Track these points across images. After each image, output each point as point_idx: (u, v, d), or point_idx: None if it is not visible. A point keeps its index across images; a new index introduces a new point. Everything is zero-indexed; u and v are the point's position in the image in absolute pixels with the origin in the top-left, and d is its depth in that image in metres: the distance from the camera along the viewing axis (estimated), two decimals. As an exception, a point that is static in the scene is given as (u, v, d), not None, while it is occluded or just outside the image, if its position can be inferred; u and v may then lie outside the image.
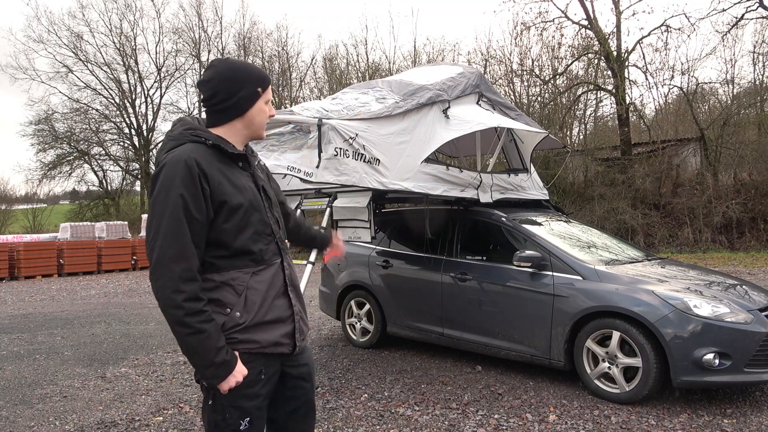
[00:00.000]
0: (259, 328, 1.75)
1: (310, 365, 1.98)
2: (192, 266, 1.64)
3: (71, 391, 4.51)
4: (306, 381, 1.95)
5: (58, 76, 29.78)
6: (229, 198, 1.70)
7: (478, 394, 4.23)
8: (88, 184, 32.38)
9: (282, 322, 1.81)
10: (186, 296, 1.62)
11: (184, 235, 1.63)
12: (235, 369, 1.68)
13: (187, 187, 1.63)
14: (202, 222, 1.66)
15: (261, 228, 1.79)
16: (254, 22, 42.44)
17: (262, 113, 1.85)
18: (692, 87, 18.56)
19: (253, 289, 1.74)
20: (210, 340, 1.64)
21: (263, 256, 1.78)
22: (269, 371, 1.80)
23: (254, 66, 1.89)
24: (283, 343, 1.81)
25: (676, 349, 3.69)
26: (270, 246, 1.81)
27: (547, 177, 13.66)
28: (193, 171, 1.65)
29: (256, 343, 1.74)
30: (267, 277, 1.78)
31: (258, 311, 1.74)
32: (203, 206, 1.66)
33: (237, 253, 1.73)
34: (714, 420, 3.64)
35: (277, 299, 1.81)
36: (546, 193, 6.16)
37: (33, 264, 14.02)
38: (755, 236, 14.66)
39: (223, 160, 1.76)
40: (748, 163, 16.30)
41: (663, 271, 4.50)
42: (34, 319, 7.94)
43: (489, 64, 20.68)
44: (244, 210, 1.74)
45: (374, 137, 4.35)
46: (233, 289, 1.72)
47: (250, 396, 1.74)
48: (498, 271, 4.73)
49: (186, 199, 1.63)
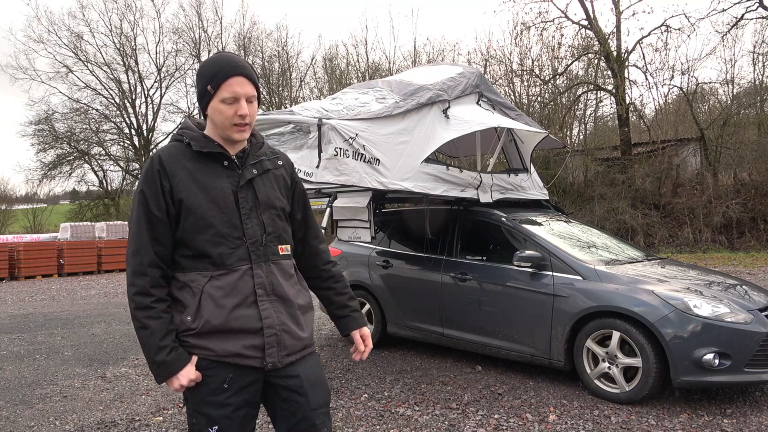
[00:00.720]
0: (213, 336, 1.65)
1: (304, 378, 1.77)
2: (143, 261, 1.64)
3: (71, 391, 4.51)
4: (299, 395, 1.76)
5: (58, 76, 29.81)
6: (186, 197, 1.65)
7: (478, 394, 4.23)
8: (88, 184, 32.42)
9: (247, 333, 1.67)
10: (135, 290, 1.63)
11: (141, 230, 1.65)
12: (180, 372, 1.62)
13: (147, 184, 1.66)
14: (161, 219, 1.65)
15: (225, 230, 1.68)
16: (254, 22, 42.40)
17: (218, 113, 1.68)
18: (692, 87, 18.58)
19: (207, 294, 1.65)
20: (152, 338, 1.61)
21: (224, 261, 1.67)
22: (239, 381, 1.68)
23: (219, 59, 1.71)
24: (249, 356, 1.67)
25: (676, 349, 3.69)
26: (236, 251, 1.68)
27: (547, 177, 13.66)
28: (154, 168, 1.66)
29: (210, 351, 1.65)
30: (226, 283, 1.66)
31: (211, 318, 1.64)
32: (162, 203, 1.65)
33: (197, 254, 1.67)
34: (714, 420, 3.64)
35: (241, 308, 1.66)
36: (546, 193, 6.16)
37: (33, 264, 14.03)
38: (755, 236, 14.66)
39: (199, 159, 1.71)
40: (748, 163, 16.30)
41: (663, 271, 4.50)
42: (34, 319, 7.95)
43: (489, 64, 20.70)
44: (203, 210, 1.66)
45: (374, 137, 4.35)
46: (191, 290, 1.66)
47: (215, 404, 1.66)
48: (498, 271, 4.73)
49: (146, 195, 1.65)
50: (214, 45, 30.87)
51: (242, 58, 1.77)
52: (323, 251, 2.01)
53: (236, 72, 1.68)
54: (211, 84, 1.67)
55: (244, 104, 1.68)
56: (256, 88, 1.74)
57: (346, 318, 2.00)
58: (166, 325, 1.63)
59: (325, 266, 2.00)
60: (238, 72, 1.68)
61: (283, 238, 1.81)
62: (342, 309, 2.00)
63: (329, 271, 2.01)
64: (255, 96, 1.73)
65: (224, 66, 1.68)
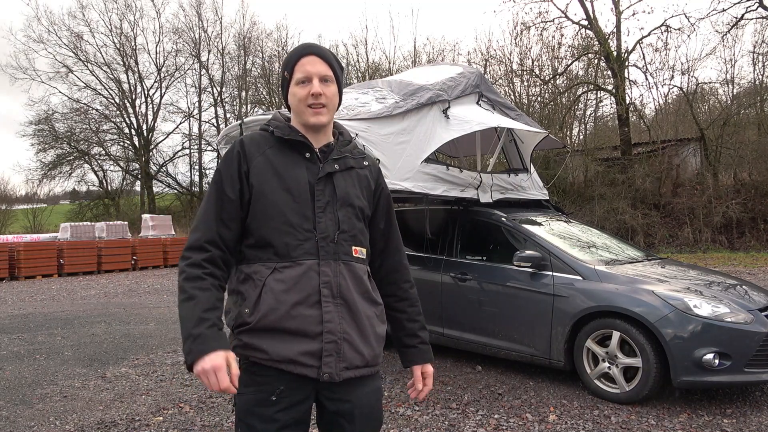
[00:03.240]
0: (267, 336, 1.53)
1: (357, 405, 1.61)
2: (202, 237, 1.56)
3: (71, 391, 4.51)
4: (346, 421, 1.60)
5: (58, 76, 29.84)
6: (259, 182, 1.59)
7: (478, 394, 4.23)
8: (88, 184, 32.46)
9: (304, 336, 1.53)
10: (188, 262, 1.54)
11: (209, 209, 1.59)
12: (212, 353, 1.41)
13: (225, 165, 1.62)
14: (233, 200, 1.59)
15: (295, 220, 1.58)
16: (254, 22, 42.40)
17: (293, 97, 1.65)
18: (692, 87, 18.61)
19: (269, 287, 1.53)
20: (196, 308, 1.46)
21: (289, 252, 1.56)
22: (290, 396, 1.54)
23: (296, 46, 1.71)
24: (304, 363, 1.53)
25: (676, 349, 3.69)
26: (304, 244, 1.57)
27: (547, 177, 13.66)
28: (234, 150, 1.63)
29: (263, 353, 1.53)
30: (289, 277, 1.54)
31: (270, 314, 1.52)
32: (237, 184, 1.59)
33: (261, 244, 1.58)
34: (714, 420, 3.64)
35: (301, 307, 1.53)
36: (546, 193, 6.16)
37: (33, 264, 14.02)
38: (755, 236, 14.67)
39: (281, 146, 1.65)
40: (748, 163, 16.31)
41: (663, 271, 4.50)
42: (34, 319, 7.94)
43: (489, 64, 20.72)
44: (275, 196, 1.59)
45: (374, 137, 4.35)
46: (253, 282, 1.56)
47: (261, 417, 1.53)
48: (498, 271, 4.73)
49: (221, 174, 1.62)
50: (214, 45, 30.91)
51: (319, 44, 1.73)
52: (405, 268, 1.83)
53: (307, 51, 1.64)
54: (286, 69, 1.66)
55: (317, 83, 1.61)
56: (332, 69, 1.65)
57: (413, 349, 1.80)
58: (213, 300, 1.50)
59: (405, 285, 1.82)
60: (308, 51, 1.64)
61: (359, 240, 1.67)
62: (411, 338, 1.81)
63: (407, 292, 1.82)
64: (331, 76, 1.64)
65: (297, 49, 1.67)
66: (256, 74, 30.12)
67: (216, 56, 31.01)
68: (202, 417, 3.87)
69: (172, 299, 10.00)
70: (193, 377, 4.86)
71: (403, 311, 1.81)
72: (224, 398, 4.26)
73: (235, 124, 4.59)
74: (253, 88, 30.19)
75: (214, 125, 31.05)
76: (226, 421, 3.78)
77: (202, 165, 31.51)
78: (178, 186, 31.75)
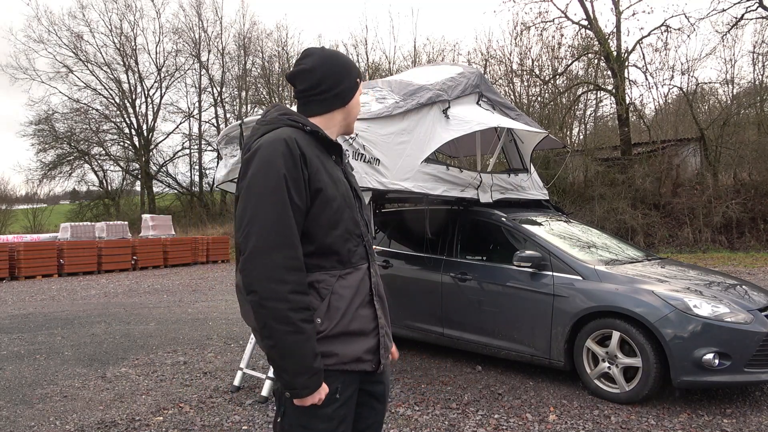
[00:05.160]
0: (340, 340, 1.56)
1: (386, 384, 1.75)
2: (298, 254, 1.47)
3: (71, 391, 4.51)
4: (379, 402, 1.73)
5: (58, 76, 29.86)
6: (325, 187, 1.54)
7: (478, 394, 4.24)
8: (88, 184, 32.48)
9: (365, 336, 1.61)
10: (291, 288, 1.44)
11: (289, 218, 1.46)
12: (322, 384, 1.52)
13: (289, 169, 1.48)
14: (301, 209, 1.51)
15: (352, 227, 1.61)
16: (254, 22, 42.46)
17: (358, 105, 1.78)
18: (692, 87, 18.61)
19: (337, 294, 1.56)
20: (308, 343, 1.45)
21: (350, 258, 1.60)
22: (346, 391, 1.60)
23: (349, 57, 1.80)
24: (366, 360, 1.61)
25: (676, 349, 3.69)
26: (358, 248, 1.63)
27: (547, 177, 13.66)
28: (295, 152, 1.50)
29: (335, 357, 1.55)
30: (353, 282, 1.59)
31: (341, 320, 1.55)
32: (303, 192, 1.51)
33: (324, 252, 1.56)
34: (714, 420, 3.64)
35: (362, 308, 1.61)
36: (546, 193, 6.16)
37: (33, 264, 14.03)
38: (755, 236, 14.67)
39: (320, 148, 1.63)
40: (748, 163, 16.31)
41: (663, 271, 4.50)
42: (35, 319, 7.95)
43: (489, 64, 20.72)
44: (338, 203, 1.57)
45: (374, 137, 4.35)
46: (317, 292, 1.54)
47: (322, 417, 1.55)
48: (498, 271, 4.73)
49: (288, 180, 1.47)
50: (214, 45, 30.93)
51: None
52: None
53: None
54: (359, 77, 1.75)
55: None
56: None
57: None
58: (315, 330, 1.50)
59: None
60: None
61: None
62: None
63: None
64: None
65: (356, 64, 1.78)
66: (256, 74, 30.14)
67: (216, 56, 31.06)
68: (202, 417, 3.87)
69: (172, 299, 10.00)
70: (194, 377, 4.86)
71: None
72: (224, 398, 4.26)
73: (235, 124, 4.59)
74: (253, 88, 30.21)
75: (214, 125, 31.09)
76: (226, 421, 3.78)
77: (202, 165, 31.54)
78: (178, 186, 31.77)
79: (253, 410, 3.95)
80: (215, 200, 30.25)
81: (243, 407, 4.04)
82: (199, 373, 5.01)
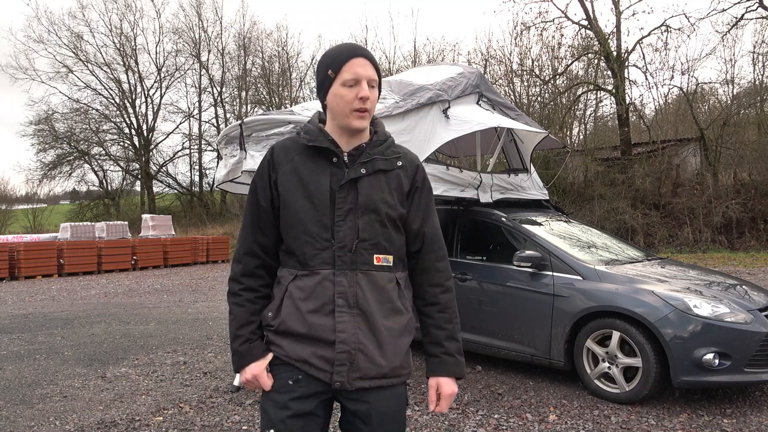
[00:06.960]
0: (287, 339, 1.59)
1: (374, 408, 1.59)
2: (241, 249, 1.68)
3: (71, 391, 4.51)
4: (365, 424, 1.59)
5: (58, 76, 29.87)
6: (284, 190, 1.62)
7: (478, 394, 4.23)
8: (88, 184, 32.48)
9: (318, 341, 1.56)
10: (230, 276, 1.68)
11: (246, 219, 1.69)
12: (248, 366, 1.61)
13: (259, 175, 1.68)
14: (266, 209, 1.65)
15: (315, 230, 1.58)
16: (254, 22, 42.50)
17: (338, 98, 1.58)
18: (692, 87, 18.60)
19: (290, 293, 1.59)
20: (232, 324, 1.65)
21: (307, 261, 1.58)
22: (306, 387, 1.58)
23: (340, 45, 1.63)
24: (318, 367, 1.56)
25: (676, 349, 3.69)
26: (322, 253, 1.57)
27: (547, 177, 13.65)
28: (265, 159, 1.67)
29: (281, 349, 1.61)
30: (306, 286, 1.57)
31: (287, 318, 1.58)
32: (268, 193, 1.65)
33: (287, 250, 1.64)
34: (714, 420, 3.64)
35: (316, 315, 1.55)
36: (546, 193, 6.16)
37: (33, 264, 14.02)
38: (755, 236, 14.66)
39: (307, 153, 1.63)
40: (748, 163, 16.31)
41: (663, 271, 4.50)
42: (35, 319, 7.94)
43: (489, 64, 20.71)
44: (297, 206, 1.60)
45: (374, 137, 4.35)
46: (280, 287, 1.63)
47: (276, 403, 1.59)
48: (498, 271, 4.73)
49: (256, 184, 1.68)
50: (214, 45, 30.92)
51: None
52: (435, 270, 1.73)
53: (358, 53, 1.59)
54: (331, 68, 1.59)
55: (365, 86, 1.57)
56: (378, 74, 1.63)
57: (435, 359, 1.73)
58: (247, 315, 1.63)
59: (432, 288, 1.73)
60: (359, 53, 1.60)
61: (382, 247, 1.61)
62: (434, 346, 1.74)
63: (436, 296, 1.74)
64: (376, 81, 1.62)
65: (345, 49, 1.61)
66: (256, 74, 30.13)
67: (216, 56, 31.05)
68: (202, 417, 3.87)
69: (172, 299, 10.01)
70: (194, 377, 4.86)
71: (429, 316, 1.75)
72: (224, 398, 4.26)
73: (235, 124, 4.59)
74: (253, 88, 30.20)
75: (214, 125, 31.08)
76: (225, 421, 3.78)
77: (202, 165, 31.54)
78: (178, 186, 31.77)
79: (253, 410, 3.95)
80: (215, 200, 30.24)
81: (243, 407, 4.04)
82: (199, 373, 5.01)
